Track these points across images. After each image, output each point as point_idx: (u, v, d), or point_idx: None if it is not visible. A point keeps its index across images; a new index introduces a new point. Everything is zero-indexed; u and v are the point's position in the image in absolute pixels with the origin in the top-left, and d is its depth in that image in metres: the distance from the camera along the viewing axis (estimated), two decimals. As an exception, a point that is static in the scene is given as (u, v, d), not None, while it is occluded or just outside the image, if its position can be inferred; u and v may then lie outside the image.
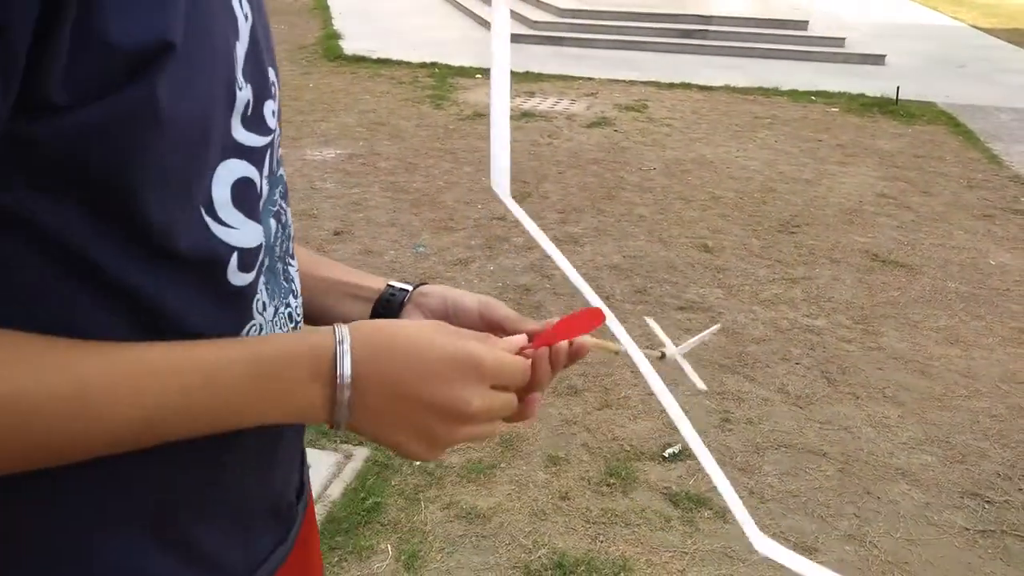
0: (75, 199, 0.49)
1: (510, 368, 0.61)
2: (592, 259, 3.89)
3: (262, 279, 0.61)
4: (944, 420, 2.82)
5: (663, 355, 1.01)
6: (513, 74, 7.47)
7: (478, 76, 7.14)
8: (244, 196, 0.57)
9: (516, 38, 8.52)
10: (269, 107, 0.59)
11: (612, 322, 0.73)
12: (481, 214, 4.33)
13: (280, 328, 0.65)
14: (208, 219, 0.54)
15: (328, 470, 2.43)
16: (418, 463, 2.49)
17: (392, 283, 0.77)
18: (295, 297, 0.68)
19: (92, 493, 0.56)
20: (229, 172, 0.55)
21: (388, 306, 0.76)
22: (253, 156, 0.57)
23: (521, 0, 9.66)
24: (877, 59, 8.37)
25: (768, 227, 4.39)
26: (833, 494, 2.45)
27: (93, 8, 0.45)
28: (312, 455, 2.48)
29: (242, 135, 0.56)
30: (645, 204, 4.60)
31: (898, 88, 6.82)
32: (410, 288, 0.77)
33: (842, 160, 5.52)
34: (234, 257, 0.56)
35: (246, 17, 0.57)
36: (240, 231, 0.57)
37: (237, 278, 0.57)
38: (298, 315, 0.69)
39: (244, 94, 0.55)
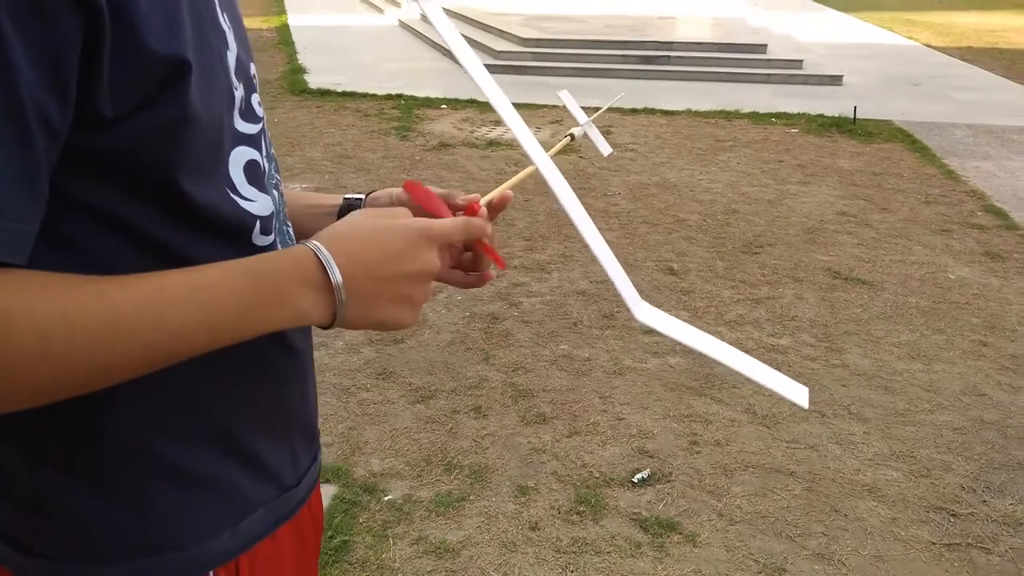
0: (134, 189, 0.62)
1: (451, 229, 0.72)
2: (559, 285, 3.91)
3: (278, 239, 0.75)
4: (908, 435, 2.85)
5: (572, 136, 1.12)
6: (477, 104, 7.59)
7: (443, 107, 7.19)
8: (254, 174, 0.71)
9: (480, 68, 8.60)
10: (255, 99, 0.73)
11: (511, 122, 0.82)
12: (447, 244, 4.34)
13: None
14: (234, 196, 0.68)
15: (295, 509, 2.40)
16: (387, 498, 2.47)
17: (348, 196, 0.93)
18: None
19: (170, 408, 0.68)
20: (240, 156, 0.69)
21: (348, 213, 0.90)
22: (253, 141, 0.71)
23: (484, 31, 9.77)
24: (834, 80, 8.54)
25: (732, 248, 4.44)
26: (801, 513, 2.46)
27: (126, 31, 0.56)
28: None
29: (242, 126, 0.70)
30: (611, 229, 4.64)
31: (855, 107, 6.96)
32: (363, 196, 0.93)
33: (803, 180, 5.61)
34: (257, 224, 0.71)
35: (228, 27, 0.69)
36: (258, 203, 0.71)
37: (260, 240, 0.71)
38: None
39: (239, 93, 0.69)
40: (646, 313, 0.80)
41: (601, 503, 2.49)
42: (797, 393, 0.79)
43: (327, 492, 2.48)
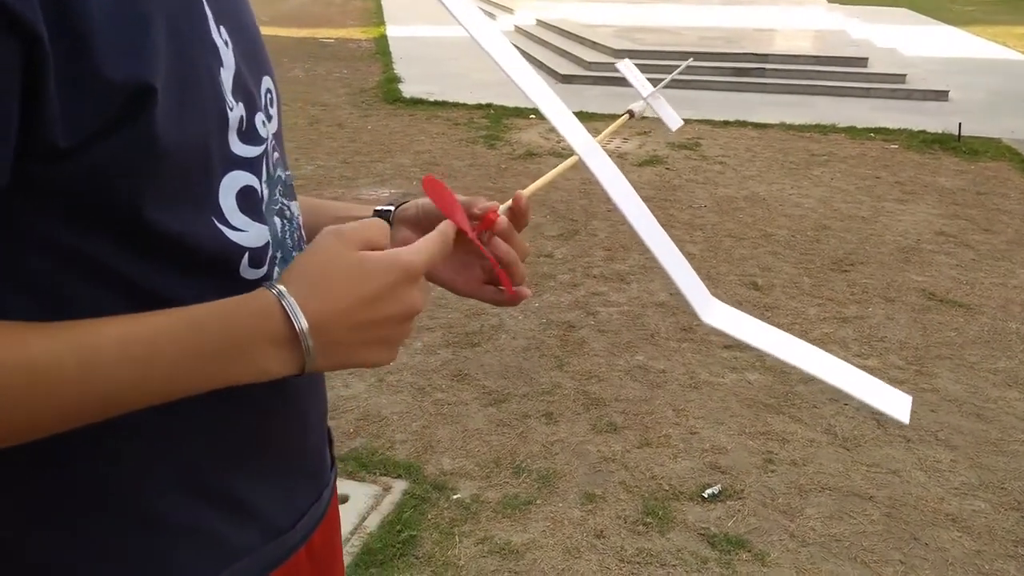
0: (99, 223, 0.56)
1: (430, 252, 0.64)
2: (638, 296, 3.89)
3: (276, 270, 0.67)
4: (999, 465, 2.71)
5: (632, 113, 1.03)
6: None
7: (531, 116, 7.24)
8: (248, 202, 0.64)
9: (570, 79, 8.64)
10: (259, 118, 0.66)
11: (549, 116, 0.75)
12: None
13: None
14: (220, 226, 0.61)
15: (366, 502, 2.46)
16: (455, 497, 2.51)
17: (378, 208, 0.84)
18: None
19: (142, 452, 0.62)
20: (233, 182, 0.62)
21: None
22: (251, 165, 0.64)
23: (575, 42, 9.80)
24: (940, 95, 8.20)
25: (820, 265, 4.32)
26: (878, 539, 2.37)
27: (74, 55, 0.51)
28: (351, 487, 2.52)
29: (240, 148, 0.63)
30: (694, 242, 4.58)
31: (960, 124, 6.67)
32: (393, 208, 0.83)
33: (900, 197, 5.41)
34: (245, 256, 0.64)
35: (226, 43, 0.63)
36: (248, 233, 0.64)
37: (249, 273, 0.64)
38: None
39: (236, 112, 0.62)
40: (714, 315, 0.70)
41: (669, 516, 2.46)
42: (896, 404, 0.67)
43: (398, 487, 2.54)
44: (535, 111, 8.17)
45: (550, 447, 2.76)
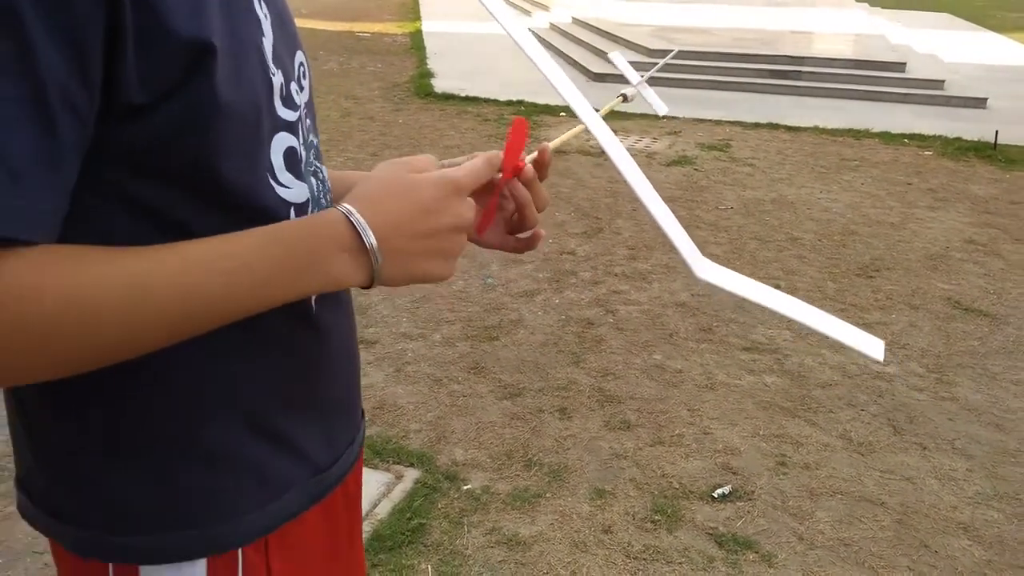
0: (166, 175, 0.62)
1: (476, 173, 0.73)
2: (659, 296, 3.89)
3: None
4: (1017, 476, 2.68)
5: (625, 97, 1.11)
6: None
7: (562, 114, 7.25)
8: (292, 161, 0.72)
9: (603, 77, 8.62)
10: (293, 87, 0.73)
11: (566, 93, 0.82)
12: (551, 248, 4.40)
13: None
14: (272, 182, 0.69)
15: (378, 489, 2.51)
16: (466, 487, 2.54)
17: None
18: None
19: (194, 386, 0.69)
20: (280, 143, 0.70)
21: None
22: (292, 128, 0.72)
23: (610, 41, 9.78)
24: (978, 102, 8.07)
25: (845, 270, 4.28)
26: (887, 545, 2.36)
27: (149, 13, 0.56)
28: (363, 474, 2.56)
29: (284, 112, 0.71)
30: (718, 243, 4.57)
31: (996, 132, 6.56)
32: None
33: (931, 204, 5.35)
34: (291, 211, 0.71)
35: (265, 16, 0.70)
36: (293, 190, 0.72)
37: None
38: None
39: (277, 79, 0.69)
40: (707, 270, 0.78)
41: (678, 514, 2.47)
42: (870, 345, 0.76)
43: (410, 476, 2.58)
44: (565, 109, 8.15)
45: (562, 442, 2.79)
